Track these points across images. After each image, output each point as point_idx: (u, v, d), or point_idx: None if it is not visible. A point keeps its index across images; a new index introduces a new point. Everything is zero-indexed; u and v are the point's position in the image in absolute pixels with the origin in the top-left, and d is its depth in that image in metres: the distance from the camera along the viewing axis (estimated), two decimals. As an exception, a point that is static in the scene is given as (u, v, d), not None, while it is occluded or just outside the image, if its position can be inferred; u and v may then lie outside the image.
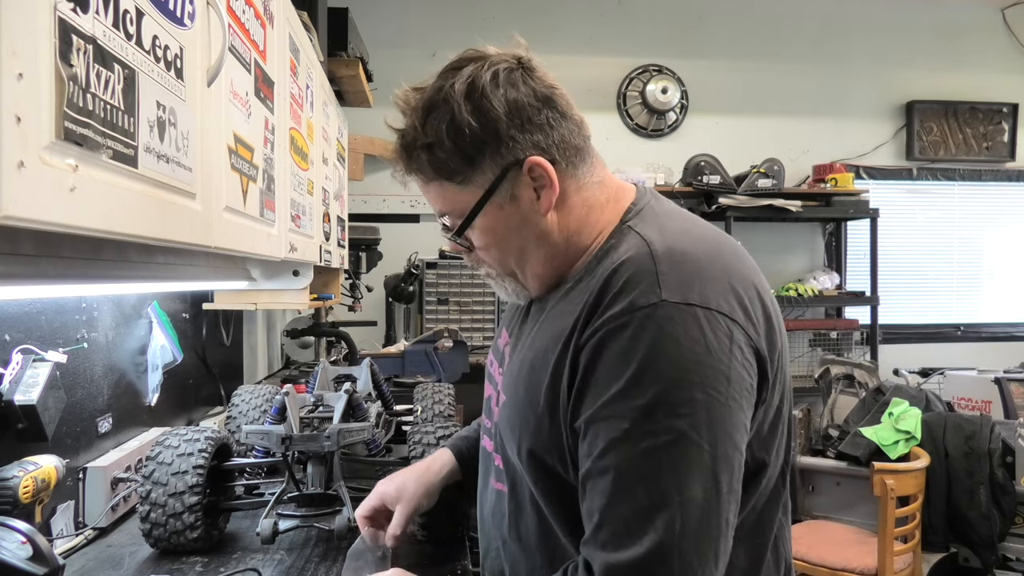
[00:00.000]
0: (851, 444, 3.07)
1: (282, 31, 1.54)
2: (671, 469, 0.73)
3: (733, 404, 0.75)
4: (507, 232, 0.89)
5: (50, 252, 0.71)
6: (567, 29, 4.57)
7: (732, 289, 0.79)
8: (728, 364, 0.75)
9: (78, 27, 0.65)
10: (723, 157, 4.32)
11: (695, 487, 0.73)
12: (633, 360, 0.75)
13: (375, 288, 4.02)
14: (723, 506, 0.74)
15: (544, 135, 0.86)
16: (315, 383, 1.75)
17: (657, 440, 0.73)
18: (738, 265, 0.85)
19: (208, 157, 1.02)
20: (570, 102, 0.90)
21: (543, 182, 0.86)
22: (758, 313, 0.81)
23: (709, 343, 0.75)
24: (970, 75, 4.87)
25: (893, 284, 4.73)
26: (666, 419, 0.73)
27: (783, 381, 0.86)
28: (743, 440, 0.77)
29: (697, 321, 0.75)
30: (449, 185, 0.88)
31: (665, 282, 0.77)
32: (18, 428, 1.22)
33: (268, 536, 1.30)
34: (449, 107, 0.84)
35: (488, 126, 0.84)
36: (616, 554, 0.73)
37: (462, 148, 0.84)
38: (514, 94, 0.84)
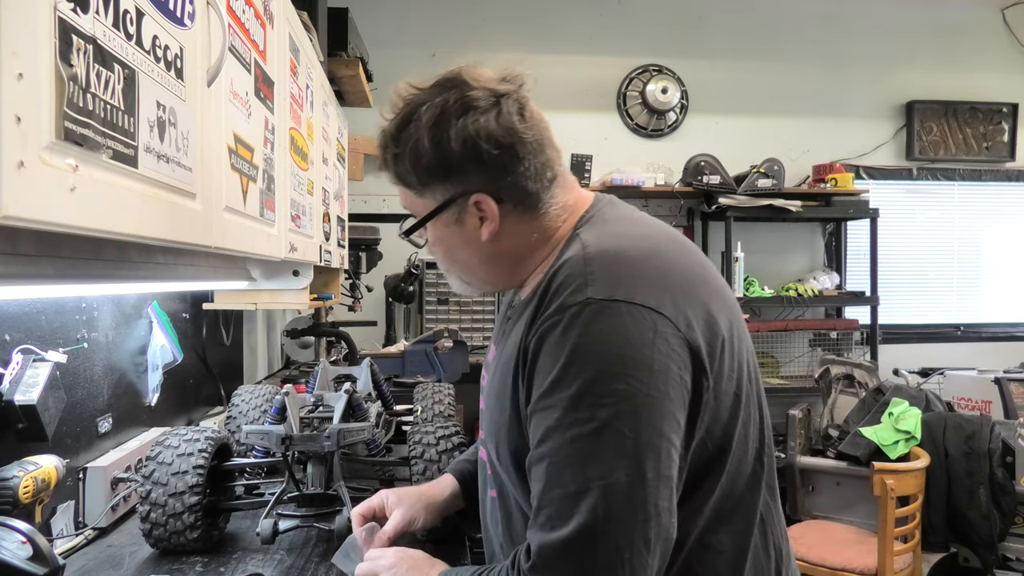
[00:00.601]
0: (851, 444, 3.07)
1: (282, 31, 1.54)
2: (595, 456, 0.77)
3: (657, 394, 0.79)
4: (452, 246, 0.99)
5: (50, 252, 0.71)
6: (567, 29, 4.57)
7: (661, 285, 0.84)
8: (651, 356, 0.79)
9: (78, 27, 0.65)
10: (723, 157, 4.32)
11: (618, 473, 0.76)
12: (562, 355, 0.80)
13: (375, 288, 4.02)
14: (649, 492, 0.77)
15: (495, 175, 0.91)
16: (315, 383, 1.75)
17: (582, 429, 0.78)
18: (676, 262, 0.89)
19: (208, 157, 1.02)
20: (539, 145, 0.93)
21: (487, 215, 0.93)
22: (693, 307, 0.85)
23: (632, 336, 0.79)
24: (970, 75, 4.87)
25: (893, 284, 4.73)
26: (589, 409, 0.78)
27: (737, 368, 0.89)
28: (670, 427, 0.80)
29: (620, 316, 0.80)
30: (407, 191, 0.98)
31: (593, 281, 0.82)
32: (18, 428, 1.22)
33: (268, 536, 1.30)
34: (417, 130, 0.91)
35: (442, 159, 0.90)
36: (549, 535, 0.78)
37: (418, 169, 0.93)
38: (473, 131, 0.89)
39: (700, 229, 4.57)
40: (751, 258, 4.32)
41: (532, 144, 0.92)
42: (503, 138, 0.90)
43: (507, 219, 0.94)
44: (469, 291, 1.06)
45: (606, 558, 0.76)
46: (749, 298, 4.24)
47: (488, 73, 0.93)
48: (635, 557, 0.76)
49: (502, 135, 0.90)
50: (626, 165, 4.27)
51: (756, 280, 4.36)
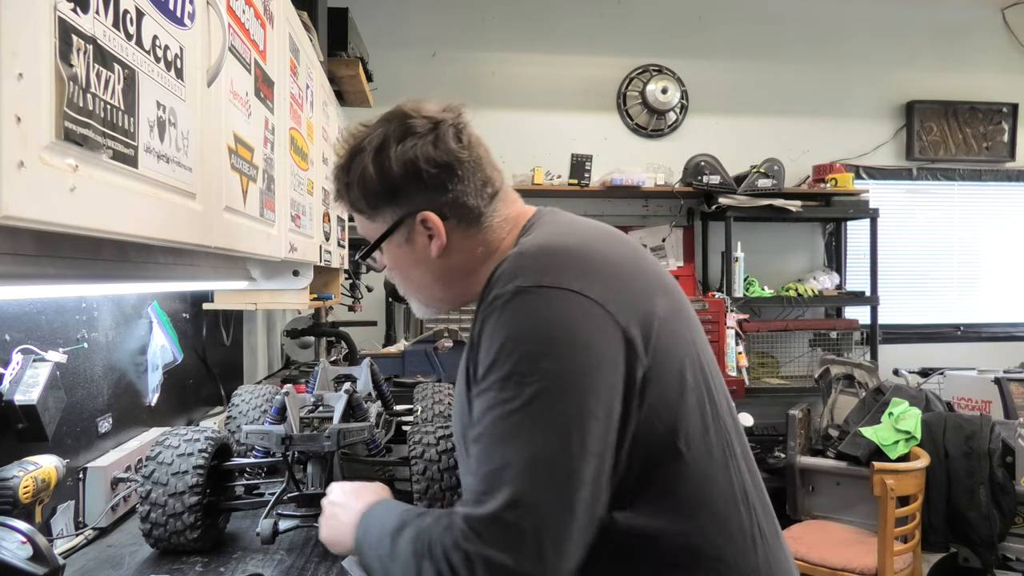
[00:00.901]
0: (851, 444, 3.07)
1: (282, 31, 1.54)
2: (521, 432, 0.81)
3: (582, 372, 0.82)
4: (406, 266, 1.06)
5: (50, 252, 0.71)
6: (567, 29, 4.57)
7: (587, 271, 0.88)
8: (576, 336, 0.83)
9: (78, 27, 0.65)
10: (723, 157, 4.32)
11: (543, 447, 0.80)
12: (496, 341, 0.85)
13: (375, 288, 4.01)
14: (574, 465, 0.80)
15: (438, 194, 0.99)
16: (315, 383, 1.75)
17: (511, 406, 0.82)
18: (604, 251, 0.94)
19: (208, 157, 1.02)
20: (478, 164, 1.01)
21: (434, 232, 1.00)
22: (621, 290, 0.89)
23: (559, 318, 0.84)
24: (970, 75, 4.87)
25: (893, 284, 4.73)
26: (517, 387, 0.82)
27: (682, 348, 0.93)
28: (600, 406, 0.83)
29: (548, 300, 0.85)
30: (361, 218, 1.06)
31: (523, 272, 0.88)
32: (18, 428, 1.22)
33: (268, 536, 1.30)
34: (363, 159, 0.99)
35: (385, 182, 0.98)
36: (477, 508, 0.80)
37: (367, 195, 1.01)
38: (413, 156, 0.97)
39: (700, 229, 4.57)
40: (751, 258, 4.32)
41: (469, 163, 0.99)
42: (440, 158, 0.97)
43: (453, 234, 1.01)
44: (429, 313, 1.13)
45: (533, 528, 0.78)
46: (749, 298, 4.24)
47: (429, 106, 1.02)
48: (560, 527, 0.79)
49: (439, 156, 0.97)
50: (626, 165, 4.27)
51: (756, 280, 4.36)
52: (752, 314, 4.30)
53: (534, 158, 4.30)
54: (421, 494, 1.46)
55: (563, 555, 0.80)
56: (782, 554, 1.01)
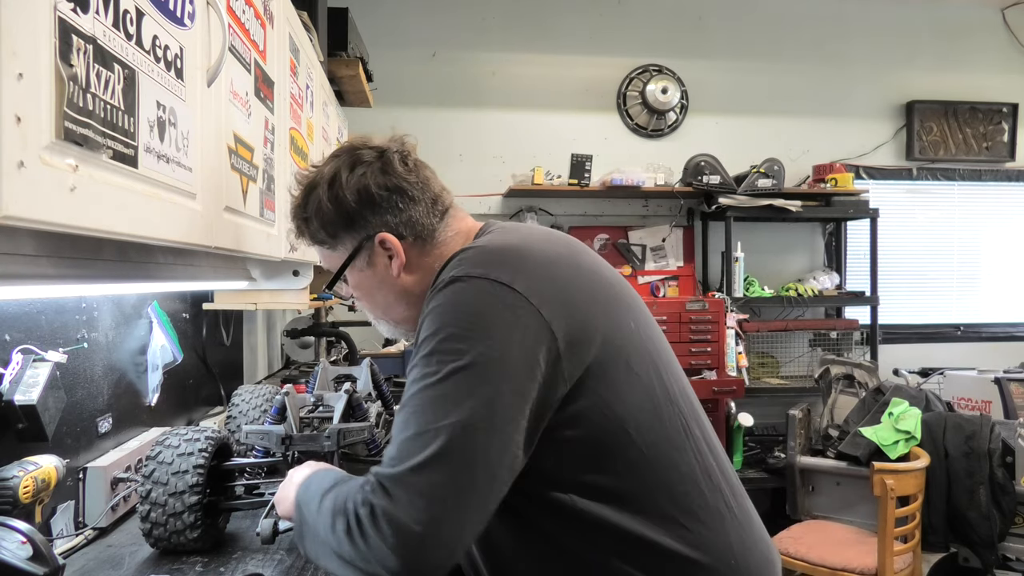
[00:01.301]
0: (851, 444, 3.07)
1: (282, 31, 1.54)
2: (435, 404, 0.87)
3: (496, 356, 0.88)
4: (371, 289, 1.12)
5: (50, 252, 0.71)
6: (567, 29, 4.57)
7: (518, 266, 0.94)
8: (495, 321, 0.89)
9: (78, 27, 0.65)
10: (723, 157, 4.32)
11: (450, 419, 0.85)
12: (428, 325, 0.92)
13: (375, 288, 4.01)
14: (478, 441, 0.85)
15: (392, 216, 1.06)
16: (315, 383, 1.75)
17: (428, 381, 0.88)
18: (542, 250, 1.00)
19: (208, 157, 1.02)
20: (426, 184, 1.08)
21: (393, 252, 1.07)
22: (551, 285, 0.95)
23: (483, 303, 0.90)
24: (970, 75, 4.87)
25: (893, 284, 4.73)
26: (438, 364, 0.88)
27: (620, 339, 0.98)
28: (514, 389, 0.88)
29: (475, 287, 0.92)
30: (322, 249, 1.12)
31: (460, 265, 0.95)
32: (18, 428, 1.22)
33: (268, 536, 1.30)
34: (317, 192, 1.06)
35: (341, 210, 1.05)
36: (387, 468, 0.87)
37: (325, 226, 1.07)
38: (364, 183, 1.04)
39: (700, 229, 4.57)
40: (751, 258, 4.32)
41: (417, 184, 1.07)
42: (390, 183, 1.05)
43: (411, 252, 1.07)
44: (399, 334, 1.19)
45: (432, 495, 0.83)
46: (749, 298, 4.24)
47: (375, 139, 1.10)
48: (459, 498, 0.84)
49: (389, 180, 1.05)
50: (626, 165, 4.27)
51: (756, 280, 4.36)
52: (752, 314, 4.30)
53: (534, 158, 4.30)
54: (421, 494, 1.45)
55: (460, 524, 0.85)
56: (757, 533, 1.05)
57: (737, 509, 1.02)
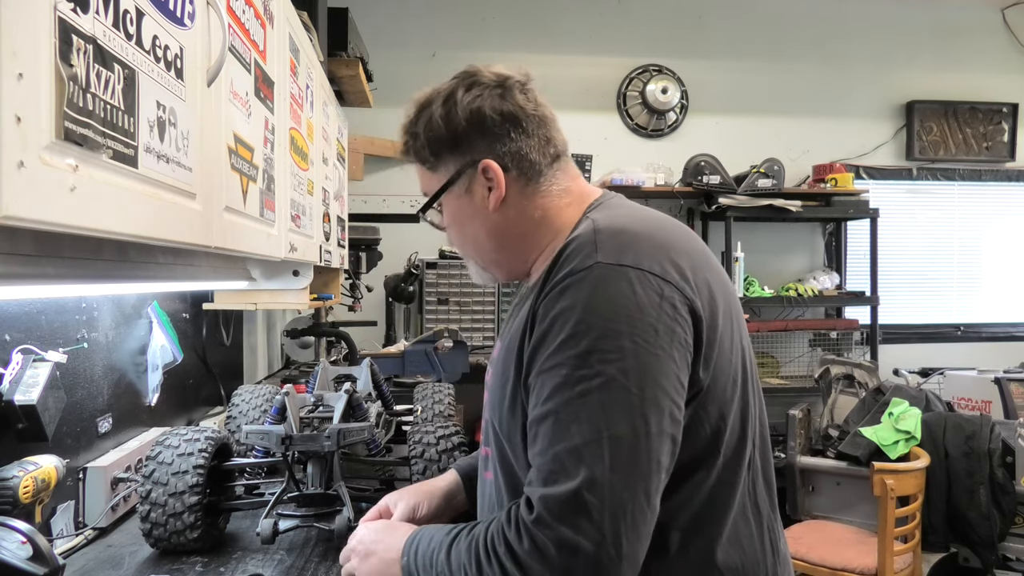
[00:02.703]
0: (851, 444, 3.06)
1: (282, 31, 1.54)
2: (601, 409, 0.79)
3: (662, 353, 0.82)
4: (463, 220, 1.04)
5: (50, 252, 0.71)
6: (567, 29, 4.57)
7: (668, 257, 0.87)
8: (657, 317, 0.82)
9: (78, 27, 0.65)
10: (723, 157, 4.32)
11: (623, 426, 0.79)
12: (572, 315, 0.83)
13: (375, 288, 4.01)
14: (652, 445, 0.80)
15: (501, 144, 0.99)
16: (315, 383, 1.75)
17: (590, 384, 0.80)
18: (681, 242, 0.93)
19: (208, 157, 1.02)
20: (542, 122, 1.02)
21: (494, 183, 0.99)
22: (697, 281, 0.88)
23: (639, 298, 0.83)
24: (970, 75, 4.87)
25: (893, 284, 4.73)
26: (598, 364, 0.80)
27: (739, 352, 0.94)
28: (673, 387, 0.82)
29: (628, 279, 0.83)
30: (423, 168, 1.05)
31: (602, 248, 0.86)
32: (18, 428, 1.22)
33: (268, 536, 1.30)
34: (431, 110, 1.01)
35: (451, 129, 0.99)
36: (553, 488, 0.79)
37: (430, 142, 1.01)
38: (479, 105, 0.98)
39: (700, 229, 4.57)
40: (751, 258, 4.32)
41: (534, 117, 1.00)
42: (506, 108, 0.98)
43: (512, 189, 1.00)
44: (485, 278, 1.10)
45: (611, 510, 0.77)
46: (749, 298, 4.24)
47: (498, 67, 1.02)
48: (636, 509, 0.78)
49: (505, 106, 0.98)
50: (626, 165, 4.27)
51: (756, 280, 4.36)
52: (752, 314, 4.30)
53: (534, 158, 4.30)
54: (421, 494, 1.45)
55: (639, 539, 0.78)
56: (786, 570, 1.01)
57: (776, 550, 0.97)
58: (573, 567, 0.76)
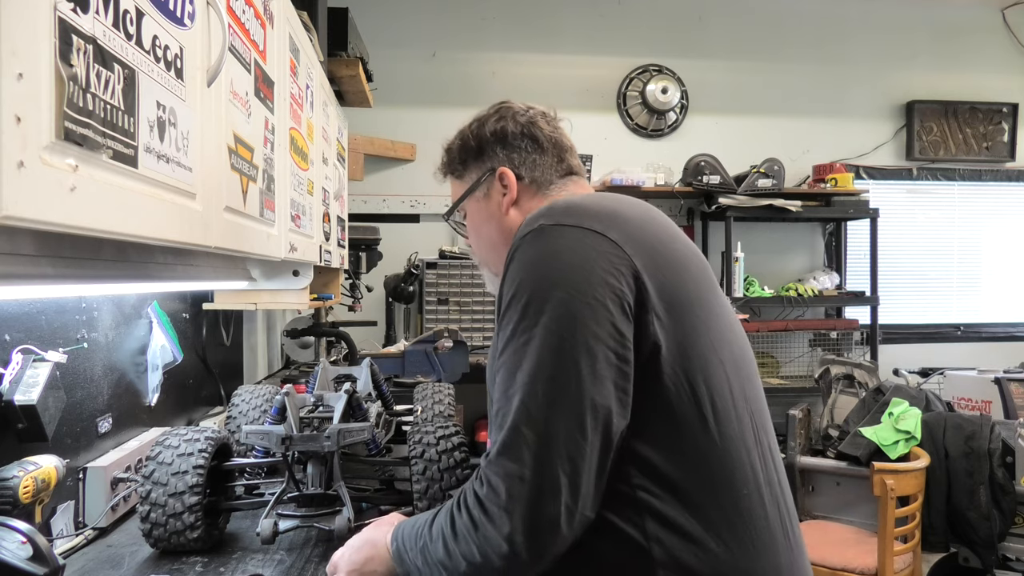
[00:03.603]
0: (851, 444, 3.06)
1: (282, 31, 1.54)
2: (536, 355, 0.86)
3: (594, 302, 0.86)
4: (480, 222, 1.18)
5: (50, 252, 0.71)
6: (567, 29, 4.57)
7: (612, 221, 0.93)
8: (591, 269, 0.88)
9: (78, 27, 0.65)
10: (723, 157, 4.32)
11: (555, 368, 0.85)
12: (517, 274, 0.91)
13: (375, 288, 4.02)
14: (585, 385, 0.84)
15: (518, 155, 1.15)
16: (315, 383, 1.75)
17: (530, 334, 0.87)
18: (636, 216, 0.98)
19: (208, 157, 1.02)
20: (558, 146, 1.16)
21: (507, 188, 1.14)
22: (649, 245, 0.93)
23: (574, 251, 0.89)
24: (970, 75, 4.87)
25: (893, 284, 4.73)
26: (534, 315, 0.87)
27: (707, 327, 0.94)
28: (608, 333, 0.86)
29: (565, 235, 0.90)
30: (453, 179, 1.22)
31: (548, 213, 0.95)
32: (18, 428, 1.22)
33: (268, 536, 1.30)
34: (465, 130, 1.20)
35: (478, 140, 1.17)
36: (499, 433, 0.86)
37: (460, 153, 1.19)
38: (503, 124, 1.16)
39: (700, 229, 4.57)
40: (751, 258, 4.32)
41: (551, 139, 1.15)
42: (526, 129, 1.15)
43: (523, 194, 1.14)
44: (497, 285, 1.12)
45: (545, 441, 0.83)
46: (749, 298, 4.24)
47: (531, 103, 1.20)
48: (569, 442, 0.82)
49: (525, 126, 1.15)
50: (626, 165, 4.27)
51: (756, 280, 4.36)
52: (752, 314, 4.30)
53: (534, 158, 4.30)
54: (421, 494, 1.45)
55: (576, 471, 0.82)
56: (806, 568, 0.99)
57: (792, 534, 0.96)
58: (517, 494, 0.82)
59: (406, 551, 0.98)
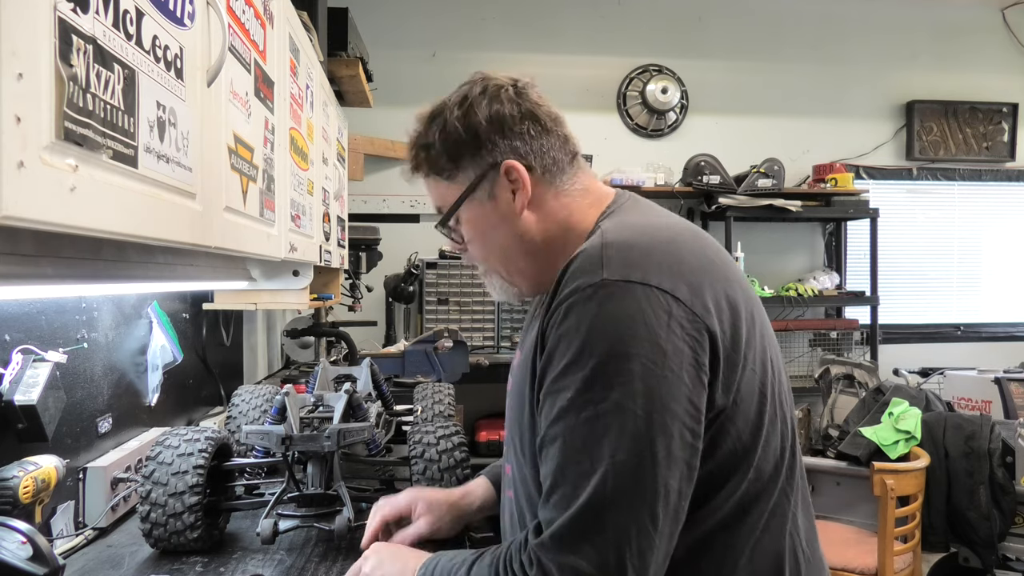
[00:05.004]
0: (851, 444, 3.06)
1: (282, 31, 1.54)
2: (606, 435, 0.78)
3: (670, 375, 0.79)
4: (488, 229, 1.00)
5: (50, 252, 0.71)
6: (567, 29, 4.57)
7: (677, 271, 0.84)
8: (666, 337, 0.79)
9: (78, 27, 0.65)
10: (723, 157, 4.32)
11: (628, 452, 0.77)
12: (577, 336, 0.81)
13: (375, 288, 4.01)
14: (660, 471, 0.78)
15: (522, 143, 0.96)
16: (315, 383, 1.75)
17: (595, 409, 0.79)
18: (694, 250, 0.89)
19: (208, 157, 1.02)
20: (558, 121, 1.00)
21: (518, 185, 0.96)
22: (716, 298, 0.85)
23: (647, 317, 0.79)
24: (970, 75, 4.87)
25: (893, 284, 4.73)
26: (603, 389, 0.79)
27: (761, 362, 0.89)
28: (684, 410, 0.80)
29: (635, 297, 0.80)
30: (440, 180, 1.01)
31: (608, 264, 0.83)
32: (18, 428, 1.22)
33: (268, 536, 1.30)
34: (444, 115, 0.98)
35: (470, 130, 0.96)
36: (557, 512, 0.79)
37: (448, 148, 0.97)
38: (497, 107, 0.96)
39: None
40: (751, 258, 4.32)
41: (552, 117, 0.99)
42: (525, 108, 0.97)
43: (538, 188, 0.97)
44: (510, 294, 1.05)
45: (613, 534, 0.76)
46: (749, 298, 4.24)
47: (503, 73, 1.02)
48: (641, 535, 0.77)
49: (524, 107, 0.97)
50: (626, 165, 4.27)
51: (756, 280, 4.36)
52: (752, 314, 4.29)
53: (534, 158, 4.30)
54: (421, 494, 1.45)
55: (644, 565, 0.77)
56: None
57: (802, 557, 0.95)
58: None
59: None
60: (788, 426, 0.94)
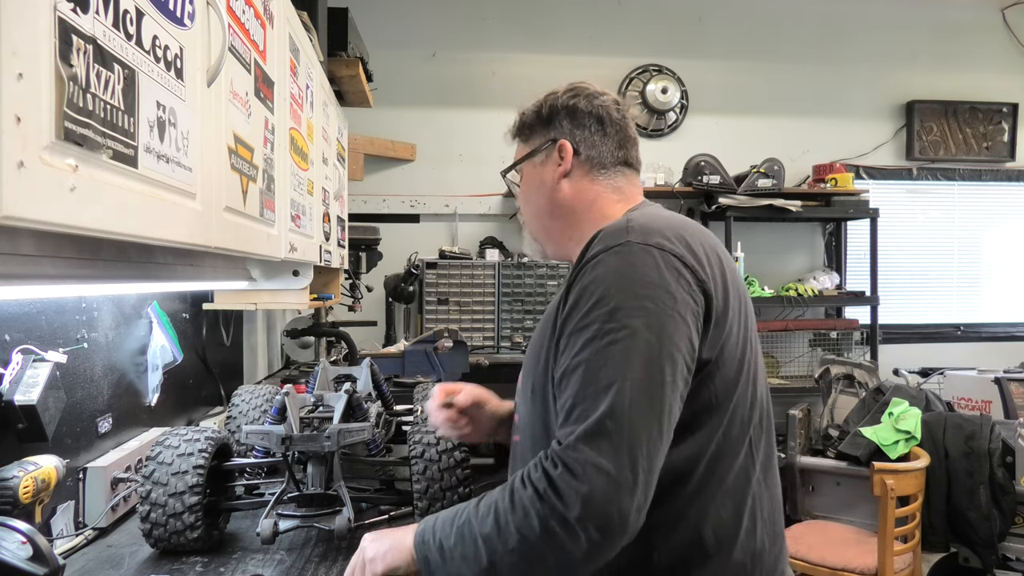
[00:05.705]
0: (851, 444, 3.06)
1: (282, 31, 1.54)
2: (625, 356, 0.91)
3: (678, 317, 0.94)
4: (533, 188, 1.23)
5: (50, 252, 0.71)
6: (567, 29, 4.57)
7: (688, 245, 1.00)
8: (675, 287, 0.95)
9: (78, 27, 0.65)
10: (723, 157, 4.32)
11: (643, 371, 0.90)
12: (604, 282, 0.95)
13: (375, 288, 4.01)
14: (666, 392, 0.91)
15: (580, 132, 1.19)
16: (315, 383, 1.75)
17: (616, 335, 0.92)
18: (702, 238, 1.06)
19: (208, 157, 1.02)
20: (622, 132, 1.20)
21: (564, 159, 1.18)
22: (713, 269, 1.01)
23: (661, 270, 0.95)
24: (970, 75, 4.87)
25: (893, 284, 4.73)
26: (625, 319, 0.92)
27: (743, 340, 1.04)
28: (686, 347, 0.94)
29: (652, 255, 0.96)
30: (519, 141, 1.27)
31: (631, 231, 1.00)
32: (18, 428, 1.22)
33: (268, 536, 1.30)
34: (540, 101, 1.23)
35: (548, 112, 1.21)
36: (579, 424, 0.89)
37: (528, 120, 1.24)
38: (575, 102, 1.20)
39: (700, 229, 4.57)
40: (751, 258, 4.32)
41: (616, 124, 1.19)
42: (595, 110, 1.19)
43: (576, 169, 1.18)
44: (535, 250, 1.28)
45: (629, 439, 0.87)
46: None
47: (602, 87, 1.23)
48: (651, 441, 0.88)
49: (595, 108, 1.19)
50: (626, 165, 4.27)
51: (756, 280, 4.36)
52: (752, 314, 4.29)
53: (534, 158, 4.30)
54: (421, 494, 1.46)
55: (651, 470, 0.88)
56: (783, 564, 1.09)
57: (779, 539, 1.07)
58: (597, 485, 0.85)
59: (433, 533, 0.97)
60: (758, 409, 1.06)
